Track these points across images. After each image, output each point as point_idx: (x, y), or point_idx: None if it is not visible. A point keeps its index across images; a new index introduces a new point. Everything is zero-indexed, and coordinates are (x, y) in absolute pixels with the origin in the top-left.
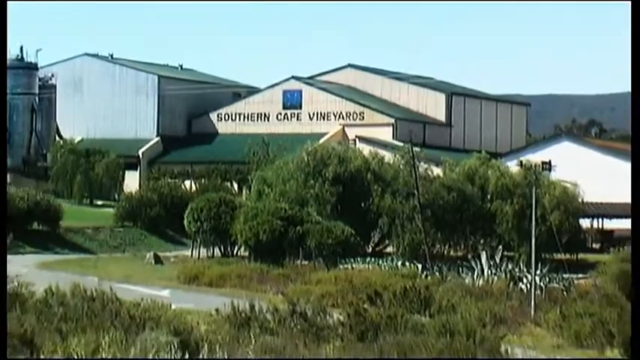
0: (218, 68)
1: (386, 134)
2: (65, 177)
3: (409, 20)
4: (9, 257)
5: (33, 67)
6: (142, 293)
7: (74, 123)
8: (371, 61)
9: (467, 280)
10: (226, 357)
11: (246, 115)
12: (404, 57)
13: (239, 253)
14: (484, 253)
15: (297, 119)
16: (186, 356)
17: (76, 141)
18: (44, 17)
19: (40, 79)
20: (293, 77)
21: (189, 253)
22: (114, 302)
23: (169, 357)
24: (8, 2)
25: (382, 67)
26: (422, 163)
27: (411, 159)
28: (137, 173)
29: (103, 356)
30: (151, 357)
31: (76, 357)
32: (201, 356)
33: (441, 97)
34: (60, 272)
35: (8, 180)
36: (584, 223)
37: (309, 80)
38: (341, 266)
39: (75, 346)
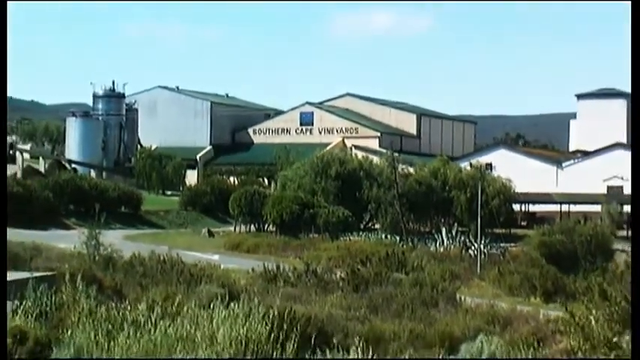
0: (253, 95)
1: (374, 144)
2: (145, 174)
3: (393, 57)
4: (104, 232)
5: (121, 96)
6: (199, 257)
7: (151, 136)
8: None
9: (431, 248)
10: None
11: (273, 130)
12: (388, 85)
13: (268, 229)
14: (444, 228)
15: (310, 133)
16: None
17: (152, 148)
18: (129, 59)
19: (126, 105)
20: (307, 102)
21: (233, 229)
22: (179, 264)
23: (219, 303)
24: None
25: (372, 94)
26: (400, 165)
27: (392, 161)
28: (195, 172)
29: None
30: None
31: (152, 303)
32: (241, 302)
33: (413, 117)
34: (140, 243)
35: (104, 176)
36: (516, 207)
37: (319, 105)
38: (342, 238)
39: (151, 295)
